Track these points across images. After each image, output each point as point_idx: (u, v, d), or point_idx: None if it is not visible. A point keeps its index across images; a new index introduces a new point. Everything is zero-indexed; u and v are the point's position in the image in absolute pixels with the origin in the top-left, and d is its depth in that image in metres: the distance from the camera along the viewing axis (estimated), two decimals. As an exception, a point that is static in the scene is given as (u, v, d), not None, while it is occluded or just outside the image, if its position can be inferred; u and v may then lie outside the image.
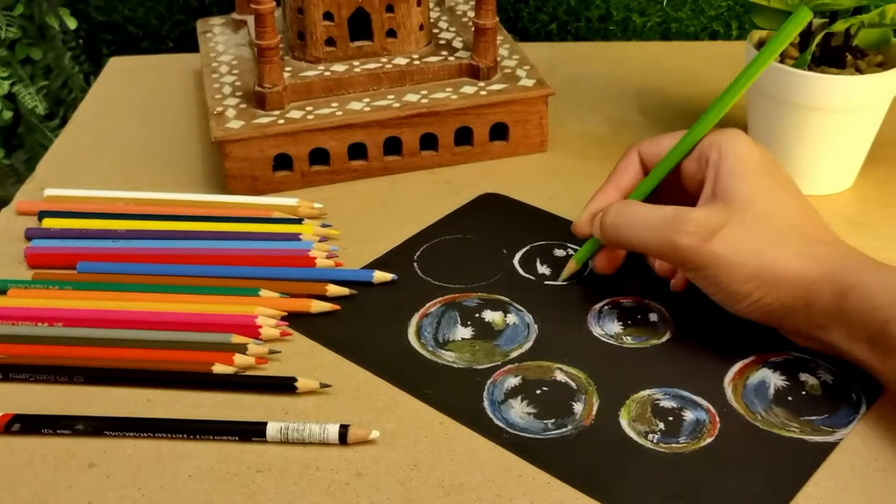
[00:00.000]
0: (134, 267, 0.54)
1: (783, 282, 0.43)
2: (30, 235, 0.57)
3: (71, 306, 0.51)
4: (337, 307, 0.51)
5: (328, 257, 0.54)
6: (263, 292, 0.51)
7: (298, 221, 0.58)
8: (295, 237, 0.56)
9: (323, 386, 0.45)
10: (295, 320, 0.50)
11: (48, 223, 0.58)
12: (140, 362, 0.47)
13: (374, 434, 0.43)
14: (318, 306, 0.50)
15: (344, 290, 0.51)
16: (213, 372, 0.46)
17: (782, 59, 0.57)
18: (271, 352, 0.48)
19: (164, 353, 0.48)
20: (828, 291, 0.42)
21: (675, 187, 0.49)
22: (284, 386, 0.46)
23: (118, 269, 0.54)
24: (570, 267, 0.52)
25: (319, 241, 0.56)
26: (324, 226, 0.57)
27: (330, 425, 0.43)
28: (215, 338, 0.48)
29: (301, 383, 0.45)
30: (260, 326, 0.49)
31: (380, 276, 0.52)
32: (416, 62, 0.64)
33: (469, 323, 0.50)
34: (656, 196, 0.50)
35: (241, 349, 0.47)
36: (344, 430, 0.42)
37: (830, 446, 0.42)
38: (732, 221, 0.44)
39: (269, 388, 0.46)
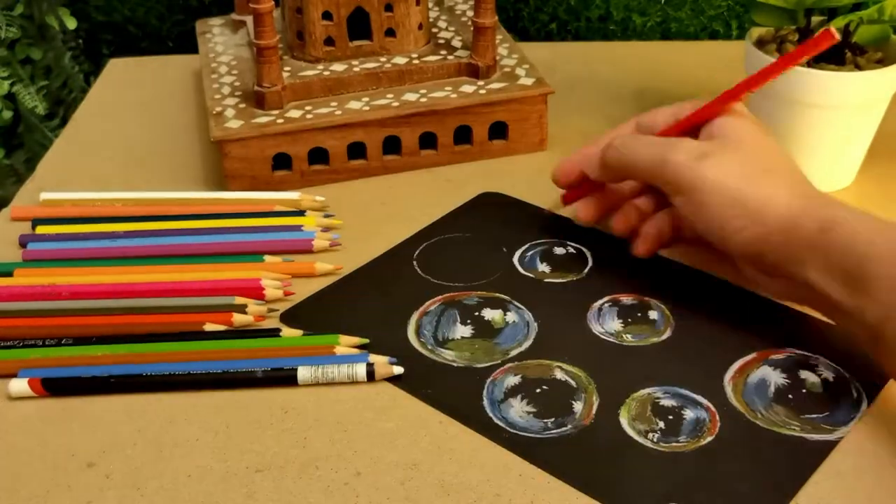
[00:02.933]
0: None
1: (768, 210, 0.44)
2: (24, 242, 0.56)
3: (75, 281, 0.52)
4: (340, 267, 0.53)
5: (332, 245, 0.56)
6: (268, 258, 0.53)
7: (301, 214, 0.58)
8: (297, 228, 0.56)
9: (305, 334, 0.48)
10: (295, 321, 0.50)
11: (42, 230, 0.57)
12: (139, 326, 0.49)
13: (398, 370, 0.45)
14: (321, 268, 0.53)
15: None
16: (204, 330, 0.49)
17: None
18: (270, 311, 0.50)
19: (166, 316, 0.50)
20: (810, 225, 0.43)
21: None
22: (269, 334, 0.48)
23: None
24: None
25: (322, 231, 0.56)
26: (326, 216, 0.58)
27: (358, 365, 0.45)
28: (219, 301, 0.50)
29: (285, 332, 0.48)
30: (264, 288, 0.50)
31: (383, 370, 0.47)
32: (416, 61, 0.64)
33: (469, 321, 0.49)
34: None
35: (242, 310, 0.49)
36: (371, 367, 0.45)
37: (831, 445, 0.42)
38: (724, 150, 0.46)
39: (255, 336, 0.48)
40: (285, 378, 0.46)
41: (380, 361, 0.46)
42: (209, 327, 0.49)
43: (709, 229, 0.46)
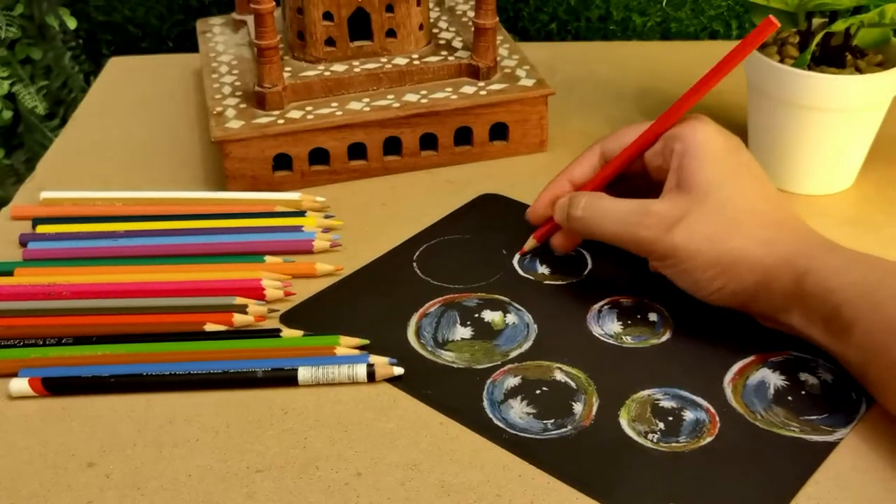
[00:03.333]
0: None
1: (742, 268, 0.45)
2: (24, 241, 0.56)
3: (75, 281, 0.52)
4: (340, 268, 0.54)
5: (332, 246, 0.56)
6: (269, 258, 0.54)
7: (301, 214, 0.58)
8: (297, 229, 0.56)
9: (306, 334, 0.48)
10: (295, 322, 0.50)
11: (42, 230, 0.57)
12: (139, 326, 0.49)
13: (399, 371, 0.46)
14: (322, 269, 0.53)
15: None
16: (205, 330, 0.49)
17: (782, 59, 0.57)
18: (271, 311, 0.50)
19: (166, 316, 0.50)
20: (785, 276, 0.44)
21: (643, 181, 0.50)
22: (269, 335, 0.48)
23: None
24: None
25: (322, 232, 0.56)
26: (327, 217, 0.58)
27: (358, 366, 0.46)
28: (219, 301, 0.50)
29: (286, 332, 0.48)
30: (264, 289, 0.51)
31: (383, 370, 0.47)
32: (416, 62, 0.64)
33: (468, 323, 0.50)
34: (627, 189, 0.50)
35: (242, 310, 0.50)
36: (371, 368, 0.46)
37: (830, 446, 0.42)
38: (692, 211, 0.45)
39: (256, 337, 0.49)
40: (285, 378, 0.46)
41: (380, 362, 0.46)
42: (210, 327, 0.49)
43: (692, 289, 0.47)
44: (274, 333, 0.49)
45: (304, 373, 0.46)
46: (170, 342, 0.48)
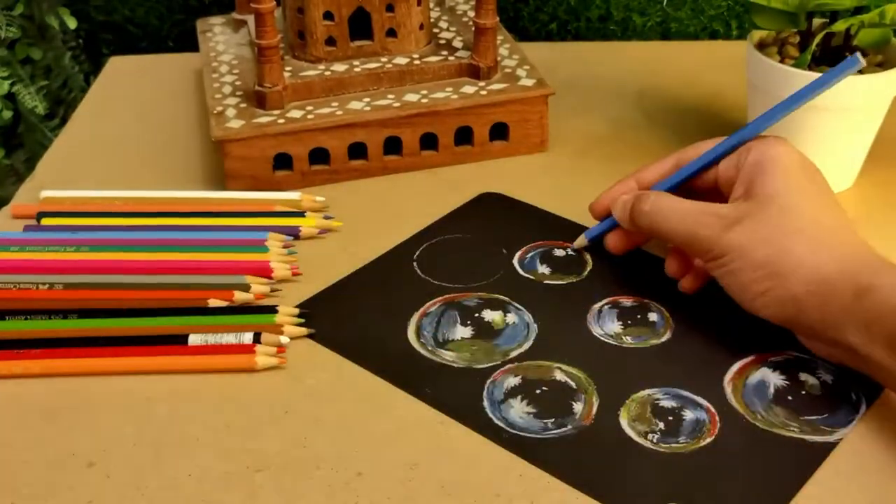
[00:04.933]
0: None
1: (794, 273, 0.43)
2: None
3: (75, 257, 0.53)
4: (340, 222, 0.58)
5: (320, 233, 0.57)
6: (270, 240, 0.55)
7: (301, 214, 0.58)
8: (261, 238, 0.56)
9: (302, 315, 0.49)
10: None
11: (47, 223, 0.58)
12: (139, 302, 0.50)
13: (285, 340, 0.47)
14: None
15: (293, 311, 0.51)
16: (208, 306, 0.50)
17: (783, 59, 0.57)
18: (273, 290, 0.52)
19: (165, 293, 0.50)
20: (845, 289, 0.42)
21: (713, 192, 0.50)
22: (266, 312, 0.49)
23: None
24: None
25: (320, 233, 0.57)
26: (326, 218, 0.58)
27: (245, 334, 0.47)
28: (228, 279, 0.51)
29: (281, 309, 0.49)
30: (272, 269, 0.52)
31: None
32: (417, 62, 0.64)
33: (469, 322, 0.50)
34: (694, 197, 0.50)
35: (245, 289, 0.51)
36: (258, 336, 0.47)
37: (830, 446, 0.42)
38: (752, 214, 0.45)
39: (252, 313, 0.50)
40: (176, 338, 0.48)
41: (272, 336, 0.48)
42: (213, 303, 0.50)
43: (739, 296, 0.45)
44: (270, 310, 0.49)
45: (194, 339, 0.48)
46: (166, 317, 0.49)
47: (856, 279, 0.42)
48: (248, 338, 0.47)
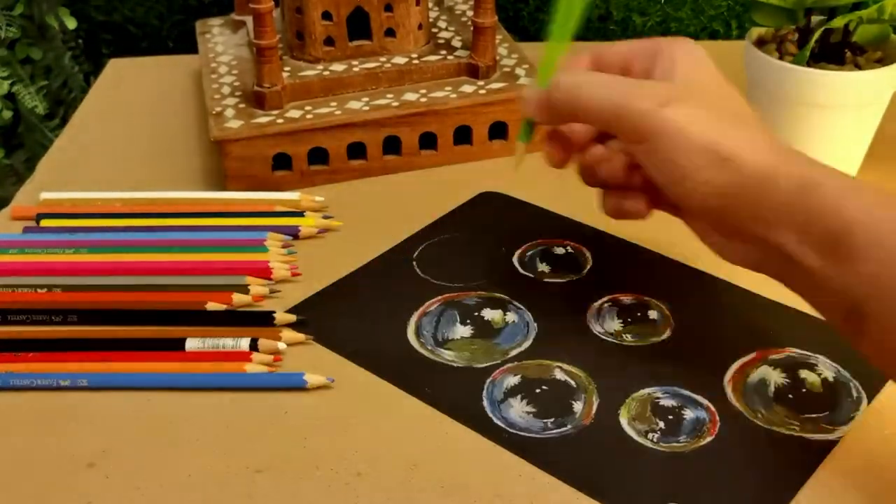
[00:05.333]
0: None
1: (738, 161, 0.39)
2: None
3: (74, 259, 0.53)
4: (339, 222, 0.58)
5: (319, 233, 0.57)
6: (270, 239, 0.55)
7: (300, 214, 0.58)
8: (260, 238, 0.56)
9: (299, 321, 0.49)
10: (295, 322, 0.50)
11: (46, 224, 0.58)
12: (138, 304, 0.50)
13: (282, 346, 0.47)
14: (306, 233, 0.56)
15: (290, 318, 0.50)
16: (206, 310, 0.50)
17: (781, 55, 0.57)
18: (272, 291, 0.52)
19: (165, 295, 0.51)
20: (787, 183, 0.39)
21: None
22: (263, 318, 0.49)
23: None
24: (520, 149, 0.49)
25: (319, 233, 0.57)
26: (325, 217, 0.58)
27: (242, 339, 0.47)
28: (228, 280, 0.51)
29: (279, 316, 0.49)
30: (271, 270, 0.52)
31: (314, 380, 0.46)
32: (415, 61, 0.64)
33: (468, 321, 0.49)
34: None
35: (244, 290, 0.51)
36: (255, 342, 0.47)
37: (831, 444, 0.42)
38: (690, 95, 0.41)
39: (249, 321, 0.50)
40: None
41: (270, 343, 0.47)
42: (211, 306, 0.50)
43: (670, 181, 0.41)
44: (267, 314, 0.49)
45: (192, 343, 0.47)
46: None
47: (800, 173, 0.39)
48: (244, 343, 0.47)
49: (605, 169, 0.46)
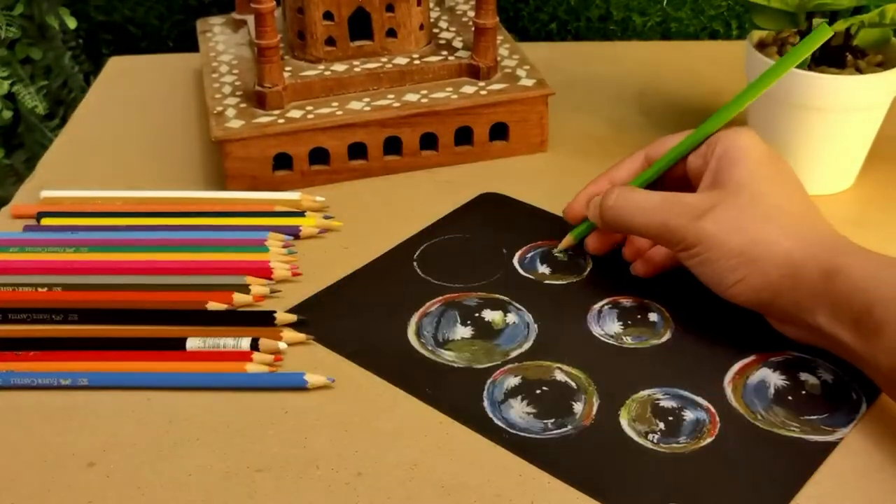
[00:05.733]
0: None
1: (768, 260, 0.44)
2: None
3: (75, 258, 0.53)
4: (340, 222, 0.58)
5: (320, 233, 0.57)
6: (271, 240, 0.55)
7: (301, 214, 0.58)
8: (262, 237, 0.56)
9: (300, 321, 0.49)
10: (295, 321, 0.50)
11: (47, 223, 0.58)
12: (138, 303, 0.50)
13: (283, 346, 0.47)
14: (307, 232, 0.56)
15: (291, 317, 0.50)
16: (207, 309, 0.50)
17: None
18: (273, 291, 0.52)
19: (165, 294, 0.51)
20: (814, 272, 0.43)
21: (682, 184, 0.50)
22: (264, 318, 0.49)
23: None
24: (567, 240, 0.54)
25: (319, 232, 0.57)
26: (326, 217, 0.58)
27: (243, 339, 0.47)
28: (228, 280, 0.51)
29: (280, 316, 0.49)
30: (272, 270, 0.52)
31: (315, 380, 0.46)
32: (417, 62, 0.64)
33: (469, 322, 0.50)
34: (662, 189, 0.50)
35: (245, 290, 0.51)
36: (255, 341, 0.47)
37: (831, 446, 0.42)
38: (722, 202, 0.45)
39: (249, 321, 0.49)
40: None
41: (271, 343, 0.47)
42: (212, 306, 0.50)
43: (713, 282, 0.46)
44: (268, 314, 0.49)
45: (193, 342, 0.47)
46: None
47: (823, 262, 0.43)
48: (245, 343, 0.47)
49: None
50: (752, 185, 0.46)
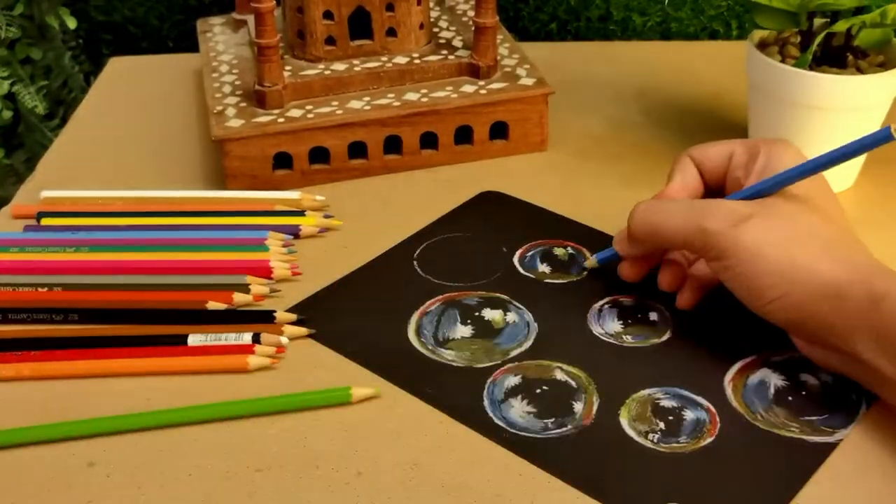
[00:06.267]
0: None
1: (809, 280, 0.42)
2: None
3: (75, 258, 0.53)
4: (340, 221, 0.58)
5: (320, 232, 0.57)
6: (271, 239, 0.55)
7: (301, 213, 0.58)
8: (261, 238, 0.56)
9: (300, 320, 0.49)
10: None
11: (47, 223, 0.58)
12: (138, 303, 0.50)
13: (285, 340, 0.47)
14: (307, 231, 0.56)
15: (291, 317, 0.50)
16: (207, 309, 0.50)
17: (783, 58, 0.57)
18: (273, 291, 0.52)
19: (165, 294, 0.51)
20: (858, 296, 0.40)
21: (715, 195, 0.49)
22: (264, 317, 0.49)
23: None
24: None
25: (319, 232, 0.57)
26: (326, 216, 0.58)
27: (245, 334, 0.47)
28: (229, 279, 0.51)
29: (280, 315, 0.49)
30: (272, 269, 0.52)
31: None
32: (416, 61, 0.64)
33: (469, 321, 0.49)
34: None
35: (245, 290, 0.51)
36: (257, 336, 0.47)
37: (830, 446, 0.42)
38: (762, 214, 0.43)
39: (250, 320, 0.49)
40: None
41: (273, 336, 0.48)
42: (212, 306, 0.50)
43: (746, 296, 0.44)
44: (268, 313, 0.49)
45: (194, 338, 0.47)
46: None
47: (871, 287, 0.40)
48: (247, 338, 0.47)
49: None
50: (792, 203, 0.44)
